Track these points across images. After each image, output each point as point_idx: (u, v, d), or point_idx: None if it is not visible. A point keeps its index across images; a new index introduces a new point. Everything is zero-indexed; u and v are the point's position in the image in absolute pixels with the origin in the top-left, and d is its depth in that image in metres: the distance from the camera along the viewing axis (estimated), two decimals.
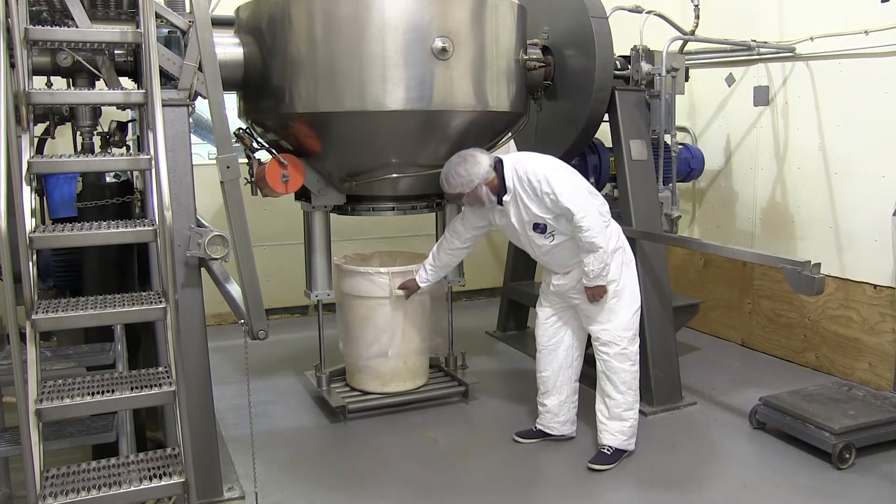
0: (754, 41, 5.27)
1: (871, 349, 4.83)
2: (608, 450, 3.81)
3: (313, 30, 3.73)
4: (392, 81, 3.70)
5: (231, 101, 4.16)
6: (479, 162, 3.65)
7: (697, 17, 5.11)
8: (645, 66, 4.60)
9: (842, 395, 4.18)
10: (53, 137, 4.16)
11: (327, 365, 4.64)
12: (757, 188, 5.63)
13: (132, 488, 2.59)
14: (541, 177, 3.58)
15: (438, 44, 3.70)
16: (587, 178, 4.55)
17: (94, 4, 3.67)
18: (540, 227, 3.69)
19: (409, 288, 4.22)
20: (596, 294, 3.68)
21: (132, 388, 2.74)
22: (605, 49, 4.37)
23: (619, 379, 3.76)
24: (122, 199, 3.61)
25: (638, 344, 3.82)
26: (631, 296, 3.78)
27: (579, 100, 4.50)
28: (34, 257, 2.72)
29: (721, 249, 4.45)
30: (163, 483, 2.64)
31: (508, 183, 3.67)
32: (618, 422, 3.80)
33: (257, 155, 4.22)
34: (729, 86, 5.76)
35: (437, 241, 4.79)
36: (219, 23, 3.76)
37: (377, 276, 4.30)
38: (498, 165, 3.69)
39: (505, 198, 3.71)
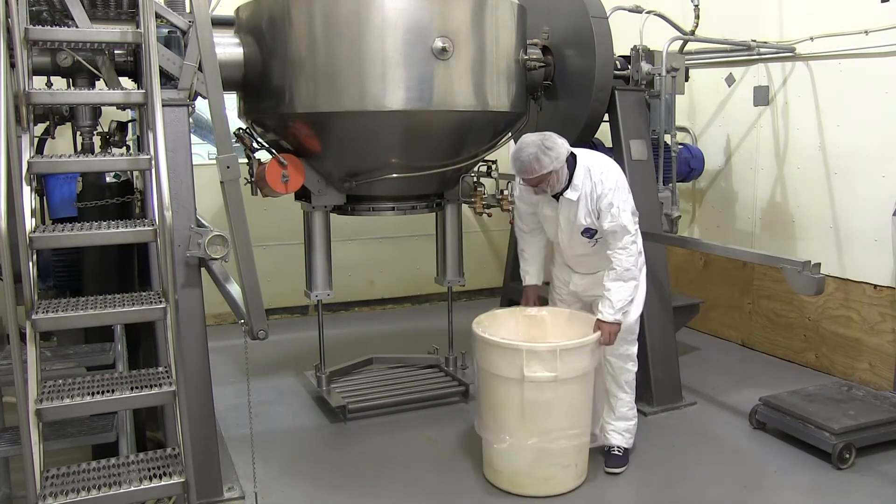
0: (754, 41, 5.27)
1: (871, 349, 4.82)
2: (619, 450, 3.80)
3: (313, 30, 3.73)
4: (392, 81, 3.70)
5: (231, 101, 4.16)
6: (557, 141, 3.42)
7: (697, 17, 5.11)
8: (645, 66, 4.59)
9: (842, 395, 4.18)
10: (53, 137, 4.16)
11: (327, 365, 4.64)
12: (757, 188, 5.63)
13: (132, 488, 2.60)
14: (611, 186, 3.45)
15: (438, 44, 3.70)
16: None
17: (94, 4, 3.68)
18: (590, 232, 3.57)
19: (530, 297, 3.89)
20: (612, 333, 3.53)
21: (132, 388, 2.75)
22: (605, 49, 4.36)
23: (624, 379, 3.79)
24: (122, 199, 3.61)
25: (637, 346, 3.83)
26: (640, 300, 3.76)
27: (579, 100, 4.50)
28: (34, 257, 2.72)
29: (721, 249, 4.45)
30: (163, 483, 2.64)
31: (577, 180, 3.49)
32: (623, 421, 3.81)
33: (257, 155, 4.23)
34: (729, 86, 5.76)
35: (436, 241, 4.82)
36: (219, 23, 3.76)
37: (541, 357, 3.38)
38: (569, 155, 3.48)
39: (569, 194, 3.50)
